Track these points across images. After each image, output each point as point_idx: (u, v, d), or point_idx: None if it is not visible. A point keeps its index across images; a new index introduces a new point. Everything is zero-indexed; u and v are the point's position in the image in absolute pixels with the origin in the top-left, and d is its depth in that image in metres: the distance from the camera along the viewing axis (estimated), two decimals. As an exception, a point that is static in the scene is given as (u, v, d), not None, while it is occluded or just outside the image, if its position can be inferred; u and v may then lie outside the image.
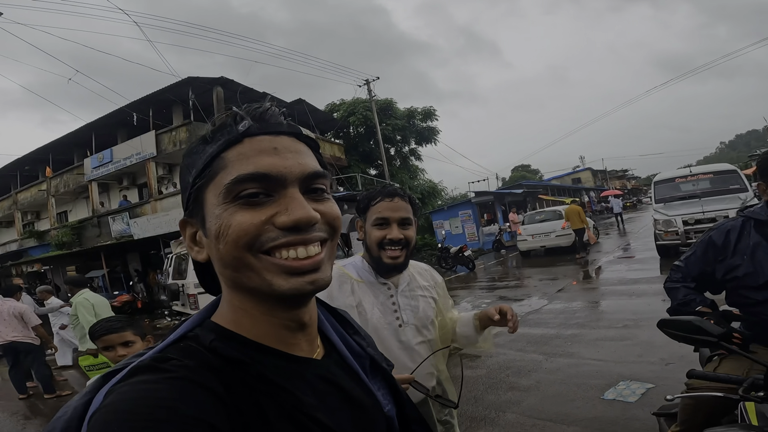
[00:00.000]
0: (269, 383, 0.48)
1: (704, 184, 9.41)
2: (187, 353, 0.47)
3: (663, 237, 8.79)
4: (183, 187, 0.55)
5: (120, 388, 0.42)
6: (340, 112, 21.85)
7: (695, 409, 1.45)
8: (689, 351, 3.45)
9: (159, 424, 0.37)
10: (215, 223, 0.48)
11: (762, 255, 1.43)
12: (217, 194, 0.49)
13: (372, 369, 0.64)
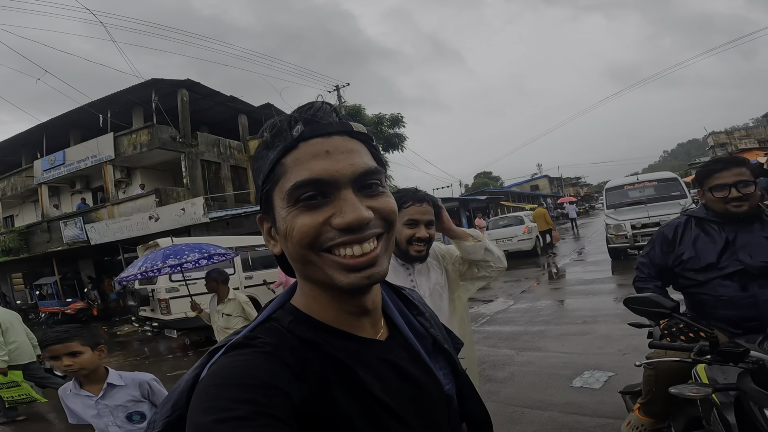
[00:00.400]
0: (335, 361, 0.54)
1: (649, 191, 10.27)
2: (270, 333, 0.55)
3: (614, 240, 9.51)
4: (256, 188, 0.60)
5: (220, 360, 0.51)
6: (309, 117, 21.87)
7: (656, 378, 1.75)
8: (642, 342, 3.88)
9: (245, 386, 0.46)
10: (282, 224, 0.54)
11: (701, 244, 1.79)
12: (282, 198, 0.54)
13: (434, 349, 0.68)
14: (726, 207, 1.72)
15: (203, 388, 0.48)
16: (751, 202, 1.71)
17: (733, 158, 1.82)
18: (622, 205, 10.14)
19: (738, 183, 1.69)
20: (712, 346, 1.27)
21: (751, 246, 1.68)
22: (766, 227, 1.71)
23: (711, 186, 1.76)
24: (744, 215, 1.71)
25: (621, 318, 5.19)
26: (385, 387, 0.55)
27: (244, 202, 15.90)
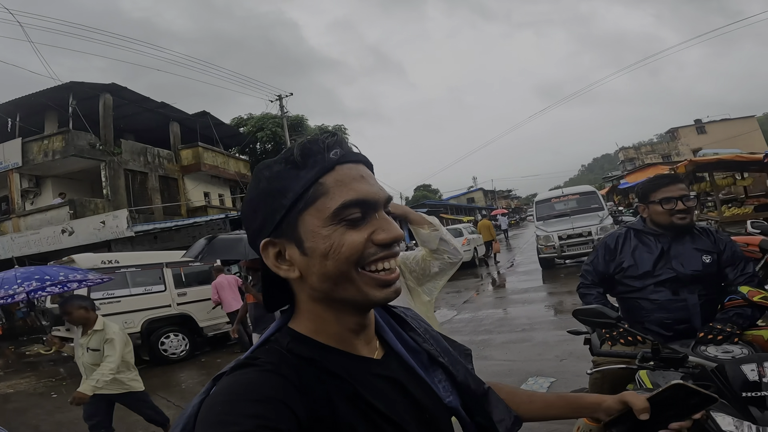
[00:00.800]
0: (334, 376, 0.56)
1: (572, 204, 11.16)
2: (270, 353, 0.57)
3: (544, 251, 10.20)
4: (266, 208, 0.57)
5: (224, 379, 0.54)
6: (248, 126, 20.96)
7: (602, 381, 1.86)
8: (578, 348, 4.20)
9: (251, 402, 0.48)
10: (324, 242, 0.55)
11: (639, 254, 1.97)
12: (322, 217, 0.55)
13: (430, 363, 0.69)
14: (671, 219, 1.89)
15: (210, 405, 0.50)
16: (692, 215, 1.91)
17: (676, 176, 1.98)
18: (550, 217, 10.92)
19: (683, 197, 1.87)
20: (654, 353, 1.39)
21: (682, 256, 1.87)
22: (696, 239, 1.92)
23: (660, 198, 1.91)
24: (686, 227, 1.90)
25: (555, 325, 5.56)
26: (386, 402, 0.57)
27: (173, 215, 14.95)
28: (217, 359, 7.26)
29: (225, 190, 18.74)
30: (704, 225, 2.00)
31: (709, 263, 1.85)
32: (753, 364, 1.21)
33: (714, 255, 1.86)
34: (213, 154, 17.06)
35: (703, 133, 39.24)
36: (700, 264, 1.85)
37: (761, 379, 1.17)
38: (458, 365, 0.73)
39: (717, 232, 1.98)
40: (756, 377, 1.18)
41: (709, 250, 1.88)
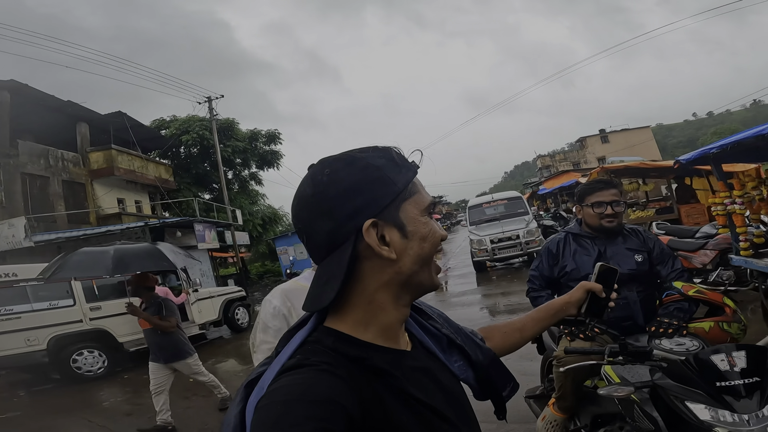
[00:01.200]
0: (381, 372, 0.59)
1: (501, 209, 11.76)
2: (318, 353, 0.58)
3: (477, 254, 10.63)
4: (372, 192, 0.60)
5: (280, 380, 0.53)
6: (171, 129, 19.57)
7: (566, 376, 1.92)
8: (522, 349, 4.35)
9: (308, 403, 0.49)
10: (424, 228, 0.64)
11: (579, 257, 2.10)
12: (420, 208, 0.64)
13: (449, 346, 0.77)
14: (601, 222, 2.04)
15: (266, 406, 0.50)
16: (620, 219, 2.06)
17: (610, 181, 2.13)
18: (481, 222, 11.42)
19: (613, 202, 2.02)
20: (621, 348, 1.45)
21: (618, 256, 2.02)
22: (627, 240, 2.08)
23: (592, 202, 2.06)
24: (614, 230, 2.06)
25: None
26: (425, 391, 0.62)
27: (81, 223, 13.47)
28: (143, 375, 6.63)
29: (143, 196, 17.31)
30: (633, 226, 2.18)
31: (642, 262, 2.01)
32: (722, 354, 1.27)
33: (645, 254, 2.03)
34: (129, 158, 15.77)
35: (607, 142, 43.83)
36: (634, 263, 2.00)
37: (732, 369, 1.23)
38: (470, 343, 0.81)
39: (644, 231, 2.15)
40: (727, 367, 1.24)
41: (640, 249, 2.04)
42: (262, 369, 0.59)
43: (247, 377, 0.59)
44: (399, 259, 0.62)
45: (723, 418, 1.18)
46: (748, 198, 3.38)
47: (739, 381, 1.21)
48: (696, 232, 5.75)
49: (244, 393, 0.57)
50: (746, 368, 1.22)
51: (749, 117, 69.33)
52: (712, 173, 8.23)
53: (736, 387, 1.20)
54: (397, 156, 0.65)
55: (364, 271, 0.62)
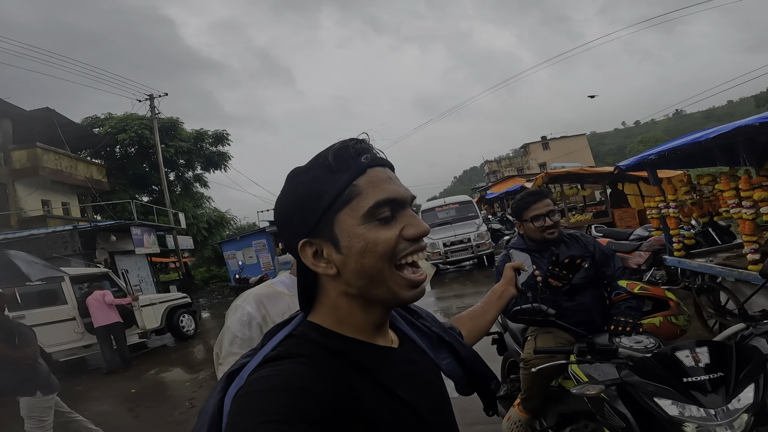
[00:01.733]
0: (360, 367, 0.59)
1: (453, 213, 12.02)
2: (300, 346, 0.58)
3: (430, 257, 10.74)
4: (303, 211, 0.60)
5: (260, 371, 0.54)
6: (105, 128, 18.19)
7: (535, 376, 1.95)
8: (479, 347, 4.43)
9: (286, 392, 0.50)
10: (359, 240, 0.58)
11: None
12: (357, 216, 0.58)
13: (439, 344, 0.78)
14: (543, 235, 2.10)
15: (245, 395, 0.51)
16: (559, 228, 2.13)
17: (541, 192, 2.16)
18: (434, 225, 11.57)
19: (549, 212, 2.08)
20: (589, 347, 1.49)
21: None
22: (570, 246, 2.15)
23: (531, 216, 2.10)
24: (556, 240, 2.11)
25: (448, 327, 5.85)
26: (405, 388, 0.61)
27: (1, 226, 12.14)
28: (76, 386, 6.24)
29: (71, 198, 15.92)
30: (571, 231, 2.25)
31: (588, 267, 2.08)
32: (687, 351, 1.32)
33: (588, 258, 2.10)
34: (56, 157, 14.48)
35: (548, 149, 46.44)
36: (583, 271, 2.02)
37: (697, 364, 1.28)
38: (457, 341, 0.81)
39: (582, 236, 2.24)
40: (692, 362, 1.29)
41: (583, 254, 2.08)
42: (244, 360, 0.59)
43: (230, 368, 0.60)
44: (342, 274, 0.60)
45: (691, 413, 1.22)
46: (680, 202, 3.69)
47: (704, 376, 1.25)
48: (630, 235, 6.21)
49: (225, 383, 0.57)
50: (710, 364, 1.27)
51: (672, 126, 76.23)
52: (642, 180, 9.01)
53: (702, 382, 1.24)
54: (334, 158, 0.60)
55: (323, 281, 0.63)
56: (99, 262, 10.76)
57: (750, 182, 2.68)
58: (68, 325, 6.83)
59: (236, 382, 0.56)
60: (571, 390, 1.43)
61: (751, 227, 2.76)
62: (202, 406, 0.58)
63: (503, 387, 2.69)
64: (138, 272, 12.78)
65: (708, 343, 1.34)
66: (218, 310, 13.40)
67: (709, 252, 3.95)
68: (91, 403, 5.52)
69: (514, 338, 2.46)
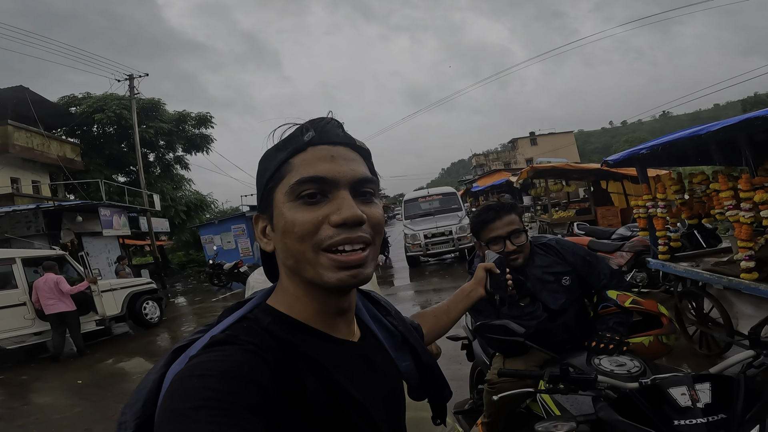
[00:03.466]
0: (311, 361, 0.57)
1: (436, 204, 11.83)
2: (250, 332, 0.56)
3: (411, 249, 10.59)
4: (258, 187, 0.63)
5: (202, 355, 0.51)
6: (82, 107, 17.53)
7: (498, 403, 1.65)
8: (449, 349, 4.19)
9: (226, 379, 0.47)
10: (281, 220, 0.58)
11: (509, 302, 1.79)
12: (283, 194, 0.58)
13: (402, 344, 0.75)
14: None
15: (182, 379, 0.49)
16: (525, 251, 1.77)
17: (503, 205, 1.79)
18: (416, 216, 11.40)
19: (511, 234, 1.72)
20: (563, 374, 1.23)
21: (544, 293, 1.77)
22: (547, 262, 1.83)
23: (487, 240, 1.75)
24: (522, 267, 1.77)
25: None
26: (355, 385, 0.59)
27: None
28: (21, 376, 5.98)
29: (43, 176, 15.37)
30: (547, 240, 1.91)
31: (570, 284, 1.79)
32: (683, 387, 1.08)
33: (570, 273, 1.81)
34: (27, 135, 14.15)
35: (535, 144, 46.69)
36: (562, 292, 1.78)
37: (695, 404, 1.04)
38: (420, 344, 0.79)
39: (558, 242, 1.90)
40: (689, 402, 1.05)
41: (563, 270, 1.80)
42: (195, 336, 0.59)
43: (179, 342, 0.59)
44: (277, 251, 0.61)
45: None
46: (668, 202, 3.46)
47: (701, 419, 1.01)
48: (612, 234, 6.04)
49: (170, 357, 0.57)
50: (710, 404, 1.04)
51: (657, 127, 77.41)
52: (627, 178, 8.90)
53: (698, 426, 1.00)
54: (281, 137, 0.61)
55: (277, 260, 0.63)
56: (65, 243, 10.26)
57: (751, 182, 2.44)
58: (18, 310, 6.43)
59: (180, 359, 0.54)
60: (536, 427, 1.16)
61: (748, 232, 2.53)
62: (141, 380, 0.56)
63: (469, 400, 2.46)
64: (107, 255, 12.29)
65: (711, 378, 1.10)
66: (192, 296, 13.02)
67: (695, 256, 3.76)
68: (33, 394, 5.23)
69: (482, 348, 2.20)
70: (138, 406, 0.53)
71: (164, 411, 0.46)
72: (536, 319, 1.72)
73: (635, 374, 1.32)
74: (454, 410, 2.48)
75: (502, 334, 1.41)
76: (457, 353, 3.83)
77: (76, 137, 18.00)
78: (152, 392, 0.53)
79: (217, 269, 12.64)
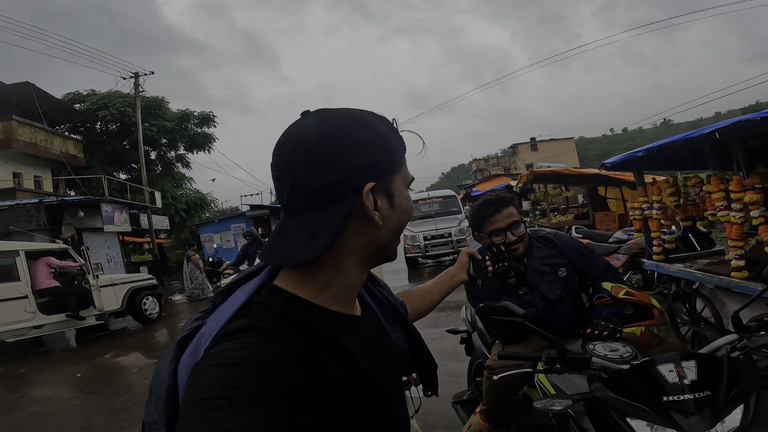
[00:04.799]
0: (327, 340, 0.58)
1: (436, 206, 11.91)
2: (264, 317, 0.55)
3: (410, 250, 10.64)
4: (373, 156, 0.59)
5: (222, 344, 0.51)
6: (87, 104, 17.65)
7: (498, 386, 1.76)
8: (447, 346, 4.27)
9: (250, 367, 0.48)
10: (406, 201, 0.64)
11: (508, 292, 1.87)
12: (405, 182, 0.65)
13: (393, 315, 0.78)
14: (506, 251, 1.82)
15: (204, 368, 0.48)
16: (524, 242, 1.86)
17: (502, 198, 1.88)
18: (416, 218, 11.43)
19: (511, 225, 1.81)
20: (559, 355, 1.29)
21: (543, 283, 1.84)
22: (544, 253, 1.91)
23: (489, 232, 1.83)
24: (522, 256, 1.86)
25: (423, 323, 5.68)
26: (368, 360, 0.61)
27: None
28: (20, 369, 5.99)
29: (45, 172, 15.45)
30: (545, 233, 1.99)
31: (566, 275, 1.87)
32: (671, 365, 1.14)
33: (567, 264, 1.89)
34: (31, 130, 14.29)
35: (536, 150, 46.73)
36: (559, 283, 1.85)
37: (681, 381, 1.10)
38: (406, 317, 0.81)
39: (555, 236, 1.99)
40: (676, 378, 1.11)
41: (560, 262, 1.88)
42: (195, 325, 0.59)
43: (180, 332, 0.59)
44: (383, 227, 0.61)
45: None
46: (663, 205, 3.54)
47: (688, 395, 1.07)
48: (609, 237, 6.13)
49: (177, 350, 0.57)
50: (697, 380, 1.10)
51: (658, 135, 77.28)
52: (625, 184, 8.98)
53: (685, 402, 1.07)
54: (399, 129, 0.65)
55: (345, 233, 0.60)
56: (66, 237, 10.30)
57: (742, 184, 2.51)
58: (19, 303, 6.45)
59: (190, 350, 0.54)
60: (535, 404, 1.23)
61: (739, 231, 2.60)
62: (154, 376, 0.56)
63: (467, 391, 2.52)
64: (107, 251, 12.32)
65: (696, 356, 1.16)
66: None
67: (689, 257, 3.83)
68: (32, 387, 5.25)
69: (482, 339, 2.27)
70: (162, 404, 0.54)
71: (188, 402, 0.46)
72: (534, 307, 1.79)
73: (627, 358, 1.39)
74: (452, 401, 2.54)
75: (503, 315, 1.46)
76: (454, 350, 3.91)
77: (79, 134, 18.09)
78: (171, 387, 0.54)
79: (216, 267, 12.67)
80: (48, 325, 6.70)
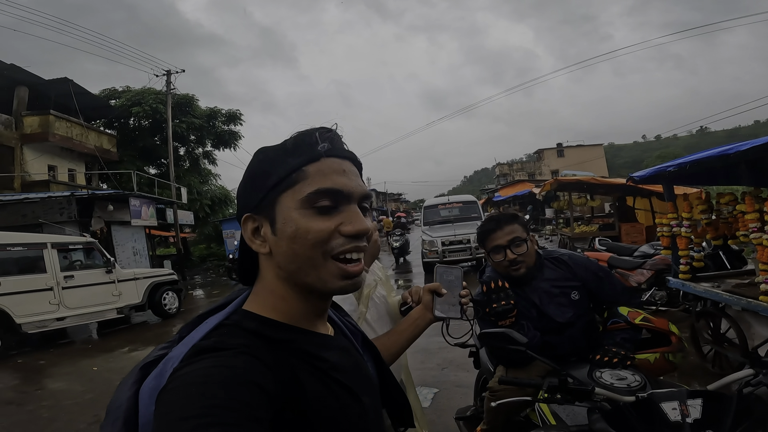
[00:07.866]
0: (306, 354, 0.58)
1: (456, 211, 11.78)
2: (236, 336, 0.55)
3: (428, 255, 10.53)
4: (253, 187, 0.61)
5: (193, 364, 0.49)
6: (122, 100, 18.34)
7: (498, 409, 1.67)
8: (457, 356, 4.19)
9: (230, 384, 0.47)
10: (292, 225, 0.58)
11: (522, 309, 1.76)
12: (296, 200, 0.58)
13: (363, 344, 0.77)
14: (507, 270, 1.76)
15: (178, 389, 0.47)
16: (528, 261, 1.75)
17: (504, 215, 1.81)
18: (435, 223, 11.36)
19: (512, 242, 1.72)
20: (561, 384, 1.24)
21: (552, 306, 1.76)
22: (555, 275, 1.81)
23: (489, 249, 1.77)
24: (524, 277, 1.76)
25: (435, 330, 5.60)
26: (347, 376, 0.62)
27: (4, 189, 12.20)
28: (39, 360, 6.14)
29: (79, 165, 16.03)
30: (558, 254, 1.89)
31: (579, 299, 1.79)
32: (674, 402, 1.09)
33: (580, 287, 1.80)
34: (68, 125, 14.76)
35: (562, 156, 45.71)
36: (569, 306, 1.77)
37: (684, 420, 1.05)
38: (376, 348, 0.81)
39: (570, 258, 1.88)
40: (678, 416, 1.06)
41: (572, 284, 1.79)
42: (161, 353, 0.58)
43: (144, 359, 0.58)
44: (274, 254, 0.60)
45: None
46: (694, 222, 3.36)
47: None
48: (635, 251, 5.87)
49: (140, 375, 0.55)
50: (700, 419, 1.06)
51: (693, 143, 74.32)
52: (655, 195, 8.63)
53: None
54: (292, 143, 0.61)
55: (261, 261, 0.63)
56: (95, 230, 10.66)
57: (777, 204, 2.35)
58: (44, 295, 6.62)
59: (154, 374, 0.53)
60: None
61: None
62: (112, 399, 0.55)
63: (472, 407, 2.46)
64: (134, 244, 12.69)
65: (704, 394, 1.11)
66: (210, 289, 13.30)
67: (717, 276, 3.64)
68: (47, 379, 5.38)
69: (489, 356, 2.20)
70: (119, 425, 0.52)
71: (166, 422, 0.44)
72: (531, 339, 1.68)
73: (635, 388, 1.32)
74: (456, 416, 2.49)
75: (503, 343, 1.40)
76: (464, 361, 3.82)
77: (113, 129, 18.72)
78: (130, 410, 0.52)
79: (237, 264, 12.91)
80: (70, 318, 6.88)
